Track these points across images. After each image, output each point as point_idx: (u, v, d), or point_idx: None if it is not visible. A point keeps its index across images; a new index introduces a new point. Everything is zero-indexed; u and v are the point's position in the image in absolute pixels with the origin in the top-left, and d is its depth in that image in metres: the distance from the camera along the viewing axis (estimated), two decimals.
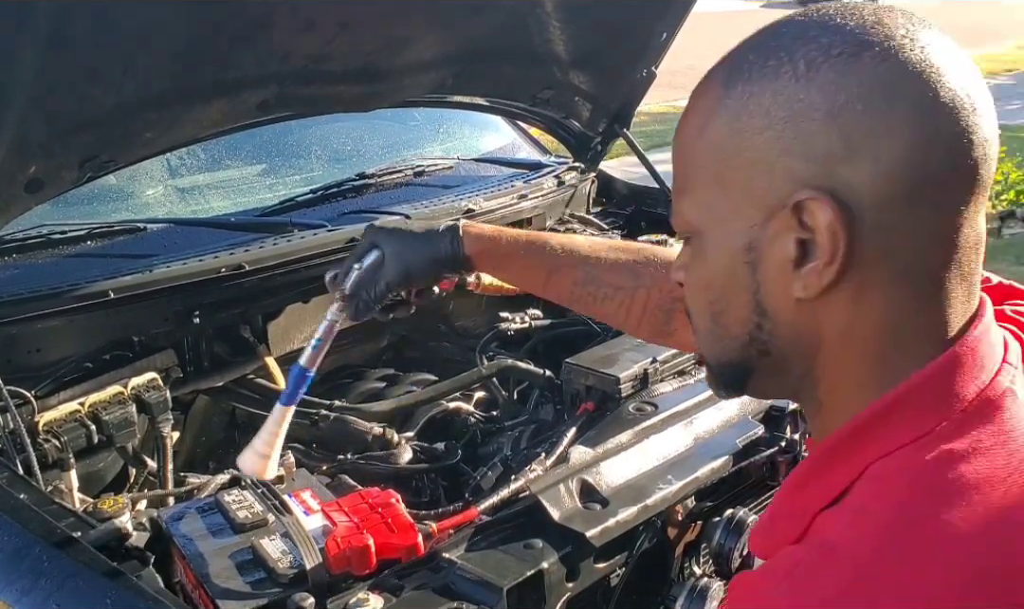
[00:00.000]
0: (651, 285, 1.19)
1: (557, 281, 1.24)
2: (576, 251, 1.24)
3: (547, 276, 1.25)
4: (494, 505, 1.34)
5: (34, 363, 1.58)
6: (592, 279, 1.22)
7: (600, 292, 1.22)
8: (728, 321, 0.71)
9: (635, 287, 1.20)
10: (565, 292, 1.26)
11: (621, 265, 1.22)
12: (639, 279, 1.20)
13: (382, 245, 1.25)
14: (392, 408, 1.79)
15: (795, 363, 0.70)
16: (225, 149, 2.27)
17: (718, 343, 0.74)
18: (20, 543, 1.13)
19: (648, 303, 1.20)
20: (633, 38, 2.17)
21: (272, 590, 1.13)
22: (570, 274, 1.23)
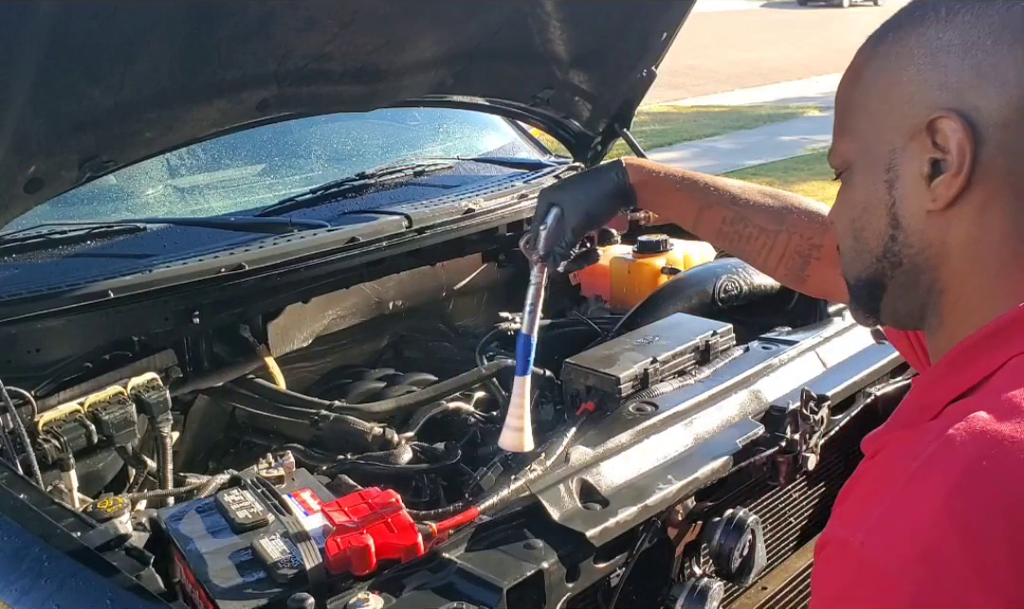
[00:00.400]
0: (793, 230, 1.29)
1: (708, 216, 1.33)
2: (727, 191, 1.33)
3: (699, 211, 1.34)
4: (494, 505, 1.34)
5: (34, 363, 1.58)
6: (740, 218, 1.31)
7: (746, 231, 1.31)
8: (868, 236, 0.82)
9: (778, 230, 1.30)
10: (714, 228, 1.35)
11: (768, 208, 1.31)
12: (783, 223, 1.30)
13: (558, 201, 1.33)
14: (392, 408, 1.79)
15: (924, 274, 0.80)
16: (225, 149, 2.27)
17: (858, 259, 0.85)
18: (20, 543, 1.14)
19: (788, 247, 1.30)
20: (633, 38, 2.17)
21: (272, 590, 1.13)
22: (720, 211, 1.32)
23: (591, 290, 2.38)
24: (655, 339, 1.71)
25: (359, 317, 2.08)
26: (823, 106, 10.41)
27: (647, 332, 1.76)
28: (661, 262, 2.22)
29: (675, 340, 1.68)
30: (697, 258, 2.26)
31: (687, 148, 8.95)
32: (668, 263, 2.21)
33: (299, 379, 2.00)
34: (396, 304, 2.12)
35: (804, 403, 1.53)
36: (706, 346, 1.70)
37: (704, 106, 11.13)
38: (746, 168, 7.98)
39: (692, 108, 10.97)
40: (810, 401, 1.54)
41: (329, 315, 2.01)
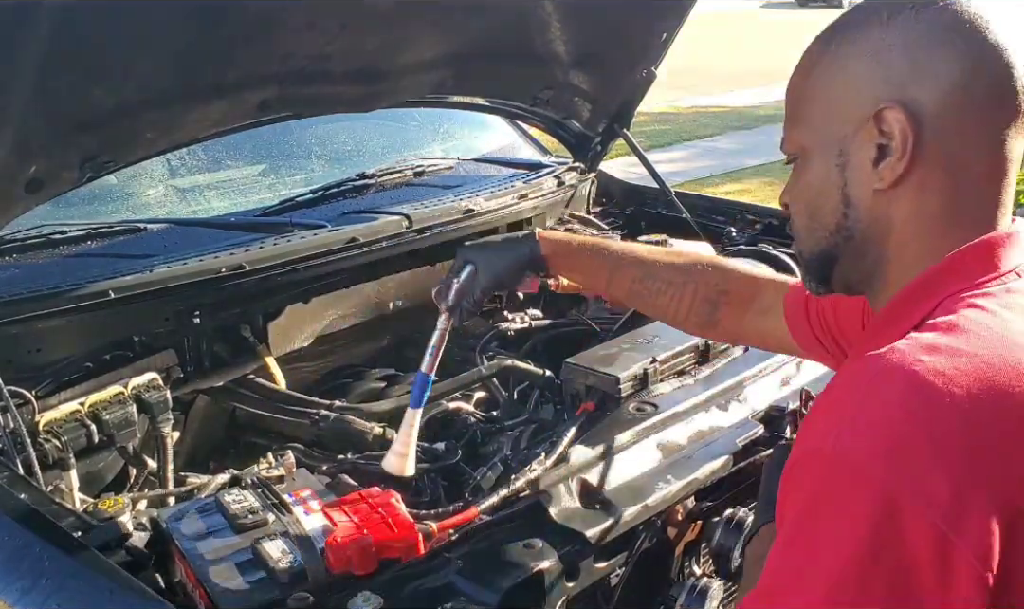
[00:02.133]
0: (699, 280, 1.39)
1: (619, 279, 1.43)
2: (635, 253, 1.45)
3: (610, 274, 1.43)
4: (494, 505, 1.34)
5: (34, 363, 1.58)
6: (649, 276, 1.41)
7: (655, 287, 1.41)
8: (822, 214, 0.93)
9: (685, 282, 1.39)
10: (625, 288, 1.43)
11: (673, 265, 1.42)
12: (689, 275, 1.40)
13: (473, 260, 1.43)
14: (392, 408, 1.79)
15: (872, 246, 0.91)
16: (225, 149, 2.27)
17: (813, 235, 0.95)
18: (20, 543, 1.14)
19: (696, 296, 1.38)
20: (633, 38, 2.18)
21: (272, 590, 1.13)
22: (629, 272, 1.42)
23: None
24: (655, 339, 1.71)
25: (359, 317, 2.08)
26: None
27: (647, 332, 1.76)
28: None
29: (675, 340, 1.68)
30: None
31: (687, 148, 8.95)
32: None
33: (299, 379, 2.00)
34: (396, 304, 2.12)
35: (804, 403, 1.53)
36: (706, 346, 1.70)
37: (704, 106, 11.13)
38: (746, 168, 7.98)
39: (692, 108, 10.97)
40: (809, 401, 1.54)
41: (329, 315, 2.01)
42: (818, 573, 0.74)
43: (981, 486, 0.72)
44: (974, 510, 0.72)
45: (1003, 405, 0.75)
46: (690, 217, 2.41)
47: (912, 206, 0.87)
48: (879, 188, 0.88)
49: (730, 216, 2.49)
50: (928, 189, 0.86)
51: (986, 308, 0.82)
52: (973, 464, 0.73)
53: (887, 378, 0.77)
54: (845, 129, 0.89)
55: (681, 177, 6.76)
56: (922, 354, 0.77)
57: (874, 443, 0.74)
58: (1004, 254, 0.86)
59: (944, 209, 0.87)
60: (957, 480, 0.72)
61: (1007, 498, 0.73)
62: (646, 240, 2.26)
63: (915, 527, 0.71)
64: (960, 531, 0.71)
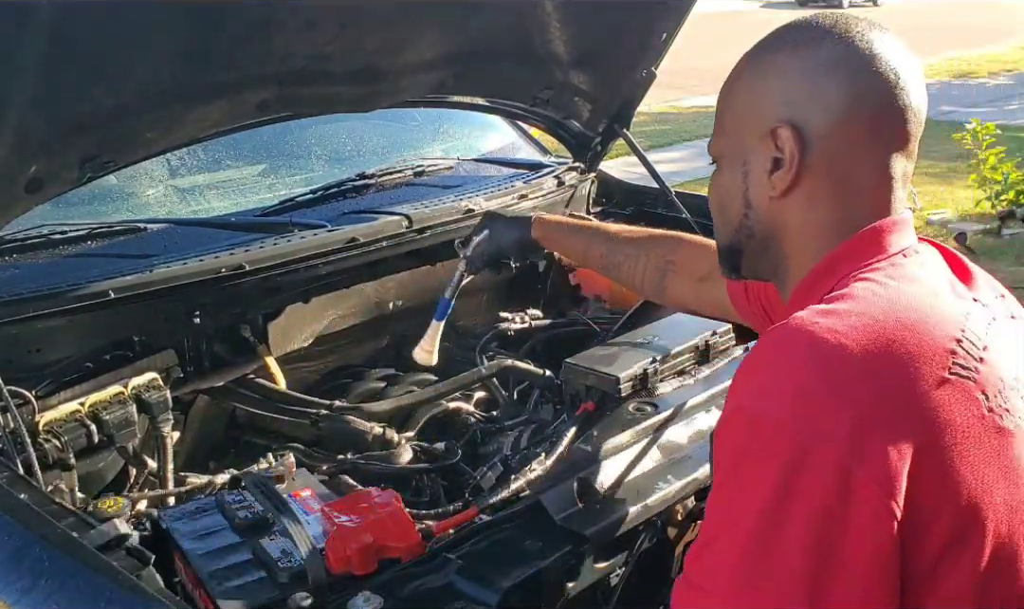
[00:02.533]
0: (651, 252, 1.63)
1: (592, 254, 1.73)
2: (605, 232, 1.73)
3: (585, 252, 1.75)
4: (494, 505, 1.34)
5: (34, 363, 1.58)
6: (612, 251, 1.68)
7: (616, 260, 1.68)
8: (729, 213, 1.06)
9: (638, 254, 1.64)
10: (596, 262, 1.74)
11: (633, 240, 1.67)
12: (642, 248, 1.64)
13: (490, 227, 1.82)
14: (392, 408, 1.79)
15: (771, 243, 1.03)
16: (225, 149, 2.27)
17: (724, 230, 1.08)
18: (20, 543, 1.13)
19: (648, 265, 1.62)
20: (633, 38, 2.17)
21: (272, 590, 1.13)
22: (599, 248, 1.70)
23: (591, 290, 2.38)
24: (655, 339, 1.71)
25: (359, 317, 2.08)
26: None
27: (647, 332, 1.76)
28: None
29: (675, 340, 1.68)
30: None
31: (687, 148, 8.94)
32: None
33: (299, 379, 2.00)
34: (396, 304, 2.12)
35: None
36: (706, 346, 1.70)
37: (704, 106, 11.11)
38: None
39: (692, 108, 10.96)
40: None
41: (329, 315, 2.01)
42: (743, 515, 0.83)
43: (879, 422, 0.81)
44: (874, 443, 0.80)
45: (892, 352, 0.85)
46: (690, 217, 2.40)
47: (802, 213, 0.99)
48: (773, 196, 0.99)
49: None
50: (816, 199, 0.98)
51: (875, 279, 0.92)
52: (870, 403, 0.82)
53: (790, 340, 0.88)
54: (750, 141, 1.00)
55: (681, 177, 6.76)
56: (817, 317, 0.88)
57: (783, 397, 0.84)
58: (892, 239, 0.96)
59: (831, 217, 0.98)
60: (855, 418, 0.81)
61: (906, 433, 0.81)
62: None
63: (821, 463, 0.80)
64: (861, 461, 0.80)
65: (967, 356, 0.87)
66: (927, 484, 0.81)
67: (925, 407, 0.83)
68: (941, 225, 6.12)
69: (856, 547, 0.80)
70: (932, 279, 0.95)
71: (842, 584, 0.80)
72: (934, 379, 0.84)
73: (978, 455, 0.84)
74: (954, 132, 6.79)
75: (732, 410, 0.89)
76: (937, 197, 6.80)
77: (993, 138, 6.10)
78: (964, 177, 6.81)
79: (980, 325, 0.91)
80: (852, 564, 0.80)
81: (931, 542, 0.83)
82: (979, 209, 6.22)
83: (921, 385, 0.84)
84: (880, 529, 0.80)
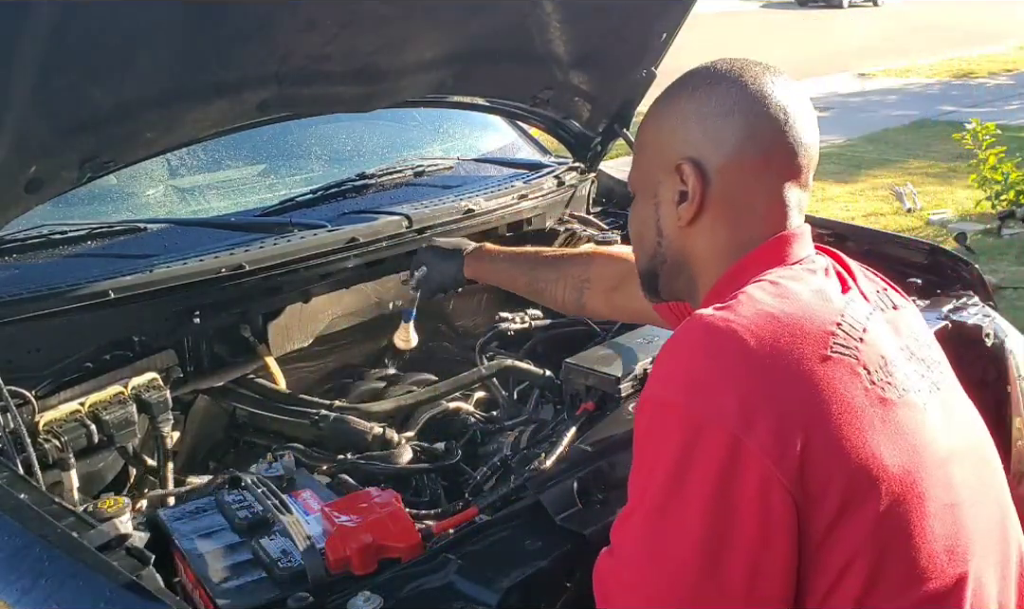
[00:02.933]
0: (567, 274, 1.76)
1: (519, 284, 1.86)
2: (528, 258, 1.85)
3: (512, 282, 1.88)
4: (494, 505, 1.34)
5: (34, 363, 1.58)
6: (534, 279, 1.81)
7: (538, 286, 1.81)
8: (644, 242, 1.17)
9: (556, 278, 1.77)
10: (523, 290, 1.86)
11: (550, 265, 1.81)
12: (558, 271, 1.78)
13: (427, 263, 1.90)
14: (392, 408, 1.79)
15: (683, 268, 1.13)
16: (225, 149, 2.27)
17: (641, 256, 1.19)
18: (20, 543, 1.13)
19: (566, 286, 1.76)
20: (633, 38, 2.17)
21: (272, 590, 1.13)
22: (523, 277, 1.84)
23: None
24: (655, 339, 1.71)
25: (359, 317, 2.08)
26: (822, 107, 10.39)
27: (647, 332, 1.76)
28: None
29: None
30: None
31: None
32: None
33: (299, 379, 2.00)
34: (396, 304, 2.12)
35: None
36: None
37: None
38: None
39: None
40: None
41: (329, 315, 2.01)
42: (648, 489, 0.93)
43: (765, 397, 0.90)
44: (760, 416, 0.89)
45: (778, 335, 0.93)
46: None
47: (706, 239, 1.09)
48: (680, 225, 1.09)
49: None
50: (717, 227, 1.08)
51: (767, 280, 1.01)
52: (757, 380, 0.91)
53: (687, 330, 0.98)
54: (660, 175, 1.11)
55: None
56: (711, 312, 0.97)
57: (678, 382, 0.94)
58: (790, 250, 1.06)
59: (731, 240, 1.07)
60: (743, 395, 0.90)
61: (791, 406, 0.90)
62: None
63: (712, 437, 0.89)
64: (748, 431, 0.88)
65: (847, 337, 0.96)
66: (817, 452, 0.89)
67: (809, 382, 0.91)
68: (941, 225, 6.12)
69: (748, 512, 0.88)
70: (818, 278, 1.04)
71: (737, 548, 0.88)
72: (817, 356, 0.93)
73: (864, 423, 0.92)
74: (954, 132, 6.79)
75: (643, 397, 0.98)
76: (937, 197, 6.80)
77: (993, 138, 6.10)
78: (964, 177, 6.81)
79: (860, 313, 1.01)
80: (745, 528, 0.88)
81: (826, 506, 0.90)
82: (979, 209, 6.22)
83: (805, 363, 0.92)
84: (770, 493, 0.88)
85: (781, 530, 0.89)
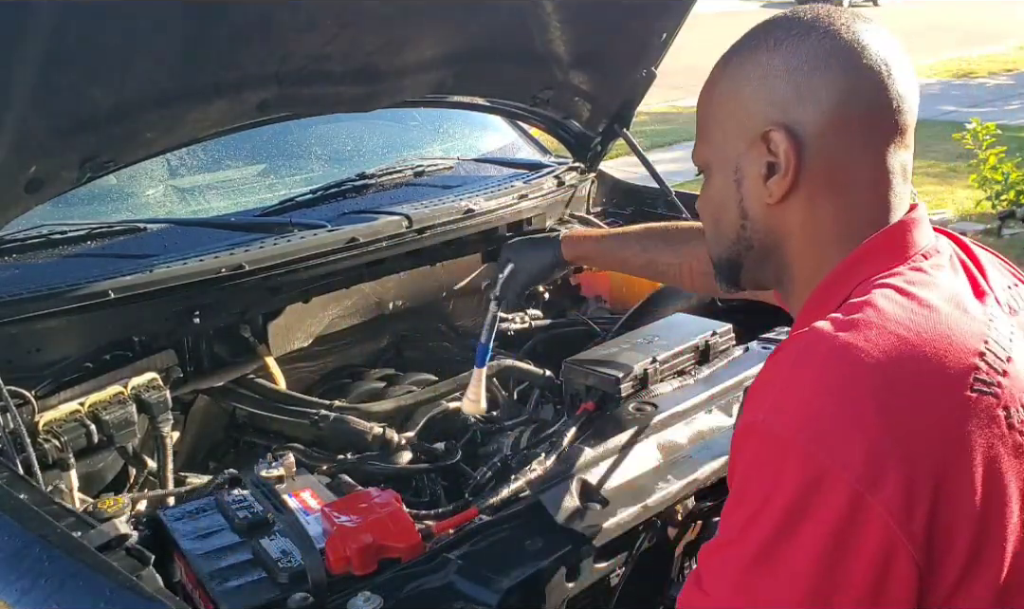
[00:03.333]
0: (692, 258, 1.58)
1: (630, 266, 1.72)
2: (637, 242, 1.68)
3: (622, 265, 1.74)
4: (494, 505, 1.34)
5: (34, 363, 1.58)
6: (650, 262, 1.66)
7: (659, 269, 1.67)
8: (724, 225, 1.01)
9: (680, 262, 1.61)
10: (636, 273, 1.78)
11: (668, 248, 1.63)
12: (680, 255, 1.61)
13: (513, 259, 1.71)
14: (392, 408, 1.79)
15: (772, 252, 0.99)
16: (225, 149, 2.27)
17: (719, 242, 1.04)
18: (20, 543, 1.13)
19: (693, 271, 1.59)
20: (633, 38, 2.17)
21: (272, 590, 1.13)
22: (635, 260, 1.68)
23: (591, 290, 2.38)
24: (655, 339, 1.71)
25: (359, 317, 2.08)
26: None
27: (647, 332, 1.76)
28: None
29: (675, 340, 1.68)
30: None
31: (687, 148, 8.92)
32: None
33: (299, 379, 2.00)
34: (396, 304, 2.12)
35: None
36: (706, 346, 1.70)
37: None
38: None
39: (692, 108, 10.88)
40: None
41: (329, 315, 2.01)
42: (752, 529, 0.82)
43: (894, 448, 0.78)
44: (888, 470, 0.78)
45: (912, 369, 0.82)
46: (690, 217, 2.40)
47: (803, 217, 0.95)
48: (770, 202, 0.95)
49: None
50: (816, 201, 0.94)
51: (895, 286, 0.88)
52: (886, 428, 0.79)
53: (807, 355, 0.85)
54: (739, 147, 0.96)
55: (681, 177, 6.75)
56: (835, 331, 0.85)
57: (795, 417, 0.82)
58: (911, 238, 0.93)
59: (834, 218, 0.94)
60: (871, 443, 0.78)
61: (922, 460, 0.79)
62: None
63: (833, 490, 0.78)
64: (874, 489, 0.78)
65: (990, 370, 0.84)
66: (945, 508, 0.79)
67: (944, 431, 0.80)
68: (941, 225, 6.09)
69: (861, 574, 0.79)
70: (948, 277, 0.92)
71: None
72: (955, 398, 0.81)
73: (996, 475, 0.82)
74: (954, 132, 6.78)
75: (748, 423, 0.86)
76: (937, 197, 6.80)
77: (993, 138, 6.10)
78: (964, 177, 6.81)
79: (1003, 333, 0.88)
80: (855, 591, 0.79)
81: (950, 565, 0.80)
82: (979, 209, 6.22)
83: (941, 405, 0.81)
84: (889, 558, 0.78)
85: (898, 597, 0.79)
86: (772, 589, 0.81)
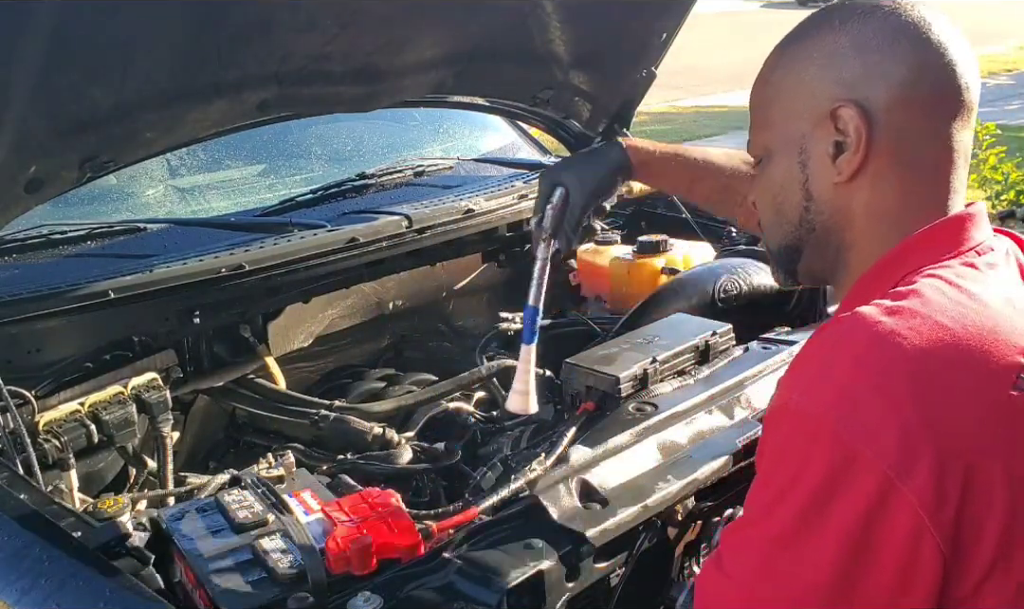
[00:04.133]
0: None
1: (699, 188, 1.59)
2: (713, 164, 1.56)
3: (690, 184, 1.60)
4: (494, 505, 1.34)
5: (34, 363, 1.58)
6: (725, 188, 1.54)
7: (732, 200, 1.53)
8: (786, 209, 1.00)
9: (741, 203, 1.45)
10: (703, 197, 1.63)
11: (725, 186, 1.53)
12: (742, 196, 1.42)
13: (563, 181, 1.46)
14: (392, 408, 1.79)
15: (833, 236, 0.98)
16: (225, 149, 2.27)
17: (779, 229, 1.03)
18: (20, 543, 1.13)
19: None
20: (633, 38, 2.17)
21: (272, 590, 1.13)
22: (709, 183, 1.56)
23: (591, 290, 2.38)
24: (655, 339, 1.71)
25: (359, 317, 2.08)
26: None
27: (647, 332, 1.76)
28: (661, 262, 2.22)
29: (675, 340, 1.68)
30: (697, 258, 2.26)
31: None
32: (668, 263, 2.22)
33: (299, 379, 2.00)
34: (396, 304, 2.12)
35: None
36: (706, 346, 1.70)
37: (704, 106, 11.12)
38: None
39: (692, 108, 10.96)
40: None
41: (329, 315, 2.02)
42: (778, 511, 0.82)
43: (930, 437, 0.78)
44: (922, 457, 0.77)
45: (954, 359, 0.81)
46: (690, 217, 2.41)
47: (868, 196, 0.95)
48: (838, 181, 0.95)
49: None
50: (882, 180, 0.94)
51: (944, 278, 0.88)
52: (923, 416, 0.78)
53: (847, 338, 0.85)
54: (804, 127, 0.96)
55: None
56: (879, 316, 0.84)
57: (828, 399, 0.81)
58: (967, 233, 0.93)
59: (898, 198, 0.94)
60: (906, 430, 0.78)
61: (957, 453, 0.78)
62: (645, 239, 2.26)
63: (864, 474, 0.78)
64: (906, 476, 0.77)
65: None
66: (975, 502, 0.78)
67: (980, 426, 0.80)
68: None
69: (888, 560, 0.78)
70: (1006, 280, 0.91)
71: (869, 598, 0.79)
72: (996, 396, 0.81)
73: None
74: None
75: (780, 402, 0.86)
76: None
77: (993, 138, 6.10)
78: None
79: None
80: (882, 577, 0.78)
81: (976, 560, 0.80)
82: None
83: (982, 402, 0.80)
84: (916, 546, 0.78)
85: (923, 586, 0.79)
86: (795, 572, 0.80)
